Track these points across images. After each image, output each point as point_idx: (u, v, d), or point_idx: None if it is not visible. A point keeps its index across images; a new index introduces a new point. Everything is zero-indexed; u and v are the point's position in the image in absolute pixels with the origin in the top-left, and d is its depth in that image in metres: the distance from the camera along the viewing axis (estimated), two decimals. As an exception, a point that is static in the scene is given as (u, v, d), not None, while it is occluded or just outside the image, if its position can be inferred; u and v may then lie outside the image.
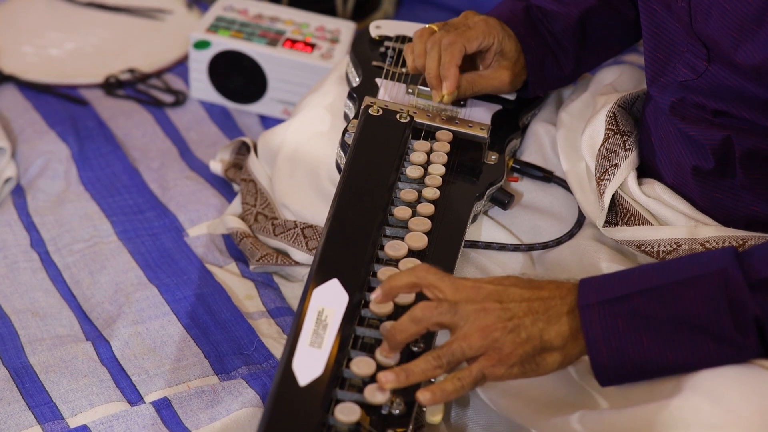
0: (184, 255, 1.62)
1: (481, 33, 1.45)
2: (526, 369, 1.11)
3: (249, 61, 1.94)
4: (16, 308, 1.53)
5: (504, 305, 1.10)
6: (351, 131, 1.46)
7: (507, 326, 1.09)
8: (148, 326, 1.49)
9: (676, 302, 1.07)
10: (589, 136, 1.43)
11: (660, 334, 1.08)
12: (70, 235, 1.66)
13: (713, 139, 1.25)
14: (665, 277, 1.09)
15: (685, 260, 1.11)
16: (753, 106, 1.20)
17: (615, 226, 1.37)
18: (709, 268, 1.08)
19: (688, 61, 1.26)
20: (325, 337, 1.15)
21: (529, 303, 1.11)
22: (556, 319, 1.10)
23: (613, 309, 1.08)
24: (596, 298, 1.09)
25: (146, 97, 1.99)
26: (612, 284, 1.10)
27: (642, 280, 1.10)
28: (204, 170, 1.81)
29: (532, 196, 1.50)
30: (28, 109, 1.91)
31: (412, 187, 1.38)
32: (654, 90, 1.33)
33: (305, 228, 1.53)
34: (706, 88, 1.24)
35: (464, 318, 1.10)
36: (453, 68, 1.43)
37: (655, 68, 1.32)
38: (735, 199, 1.28)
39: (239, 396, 1.37)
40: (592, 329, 1.09)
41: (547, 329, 1.09)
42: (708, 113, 1.26)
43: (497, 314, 1.10)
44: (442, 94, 1.45)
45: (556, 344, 1.10)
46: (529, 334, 1.09)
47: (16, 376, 1.42)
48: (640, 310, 1.08)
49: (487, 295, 1.11)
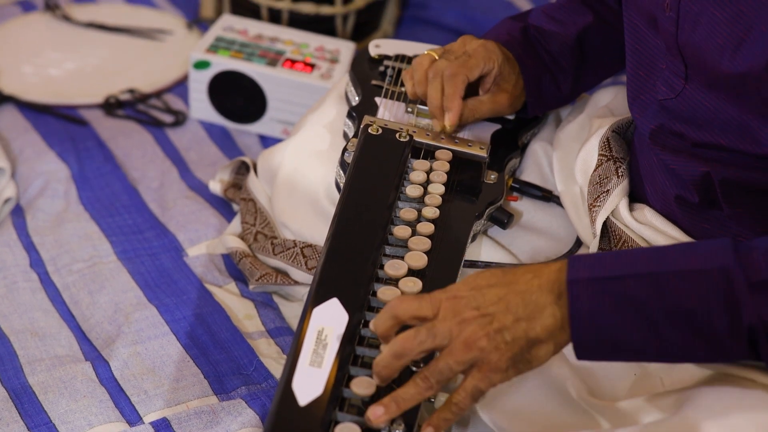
0: (184, 275, 1.62)
1: (482, 60, 1.45)
2: (521, 368, 1.08)
3: (249, 81, 1.94)
4: (15, 328, 1.53)
5: (482, 311, 1.08)
6: (350, 150, 1.47)
7: (489, 333, 1.07)
8: (147, 346, 1.48)
9: (670, 293, 1.05)
10: (582, 160, 1.43)
11: (648, 322, 1.05)
12: (70, 255, 1.65)
13: (694, 173, 1.25)
14: (662, 265, 1.06)
15: (683, 249, 1.08)
16: (730, 130, 1.19)
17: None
18: (709, 263, 1.05)
19: (666, 78, 1.25)
20: (325, 357, 1.14)
21: (506, 301, 1.08)
22: (539, 312, 1.07)
23: (603, 287, 1.06)
24: (586, 275, 1.07)
25: (146, 117, 1.99)
26: (604, 263, 1.08)
27: (636, 264, 1.07)
28: (203, 190, 1.81)
29: (531, 215, 1.50)
30: (28, 129, 1.92)
31: (411, 206, 1.38)
32: (635, 110, 1.33)
33: (305, 247, 1.53)
34: (684, 109, 1.23)
35: (446, 336, 1.08)
36: (457, 100, 1.44)
37: (635, 85, 1.32)
38: (723, 230, 1.27)
39: (238, 416, 1.37)
40: (578, 304, 1.06)
41: (531, 325, 1.07)
42: (687, 143, 1.25)
43: (477, 323, 1.07)
44: (445, 125, 1.45)
45: (543, 337, 1.07)
46: (514, 335, 1.07)
47: (15, 397, 1.42)
48: (632, 294, 1.05)
49: (464, 304, 1.09)
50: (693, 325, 1.05)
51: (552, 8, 1.53)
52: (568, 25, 1.51)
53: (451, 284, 1.29)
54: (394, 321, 1.11)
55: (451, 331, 1.07)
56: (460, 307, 1.09)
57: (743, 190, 1.23)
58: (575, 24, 1.51)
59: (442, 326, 1.08)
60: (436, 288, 1.26)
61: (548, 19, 1.52)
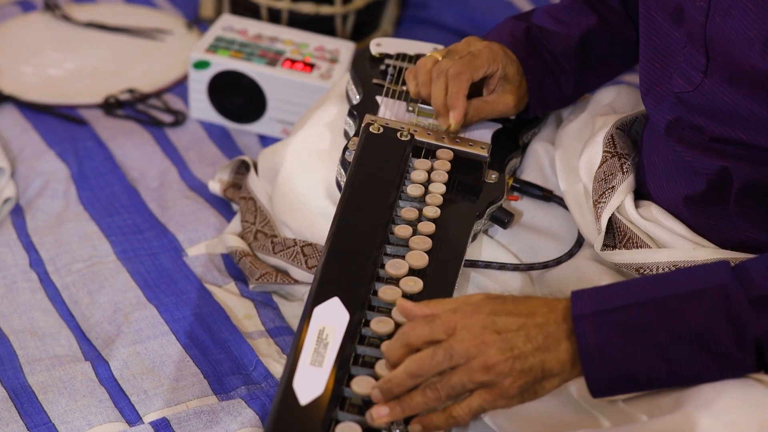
0: (183, 275, 1.62)
1: (486, 61, 1.45)
2: (525, 397, 1.09)
3: (248, 81, 1.94)
4: (14, 328, 1.53)
5: (503, 336, 1.08)
6: (351, 149, 1.46)
7: (509, 358, 1.07)
8: (146, 346, 1.48)
9: (674, 315, 1.07)
10: (586, 158, 1.43)
11: (656, 346, 1.07)
12: (69, 255, 1.65)
13: (710, 167, 1.25)
14: (663, 290, 1.08)
15: (682, 274, 1.10)
16: (749, 125, 1.20)
17: (613, 248, 1.36)
18: (708, 282, 1.07)
19: (684, 71, 1.25)
20: (326, 356, 1.14)
21: (526, 330, 1.09)
22: (555, 346, 1.08)
23: (609, 319, 1.07)
24: (591, 308, 1.08)
25: (145, 117, 1.99)
26: (607, 295, 1.09)
27: (638, 292, 1.09)
28: (203, 190, 1.81)
29: (531, 215, 1.50)
30: (28, 129, 1.91)
31: (412, 206, 1.38)
32: (649, 102, 1.33)
33: (305, 246, 1.52)
34: (702, 103, 1.23)
35: (463, 356, 1.07)
36: (461, 98, 1.43)
37: (650, 77, 1.32)
38: (730, 226, 1.27)
39: (238, 416, 1.37)
40: (586, 339, 1.07)
41: (548, 358, 1.08)
42: (705, 137, 1.25)
43: (498, 346, 1.08)
44: (449, 123, 1.45)
45: (555, 371, 1.09)
46: (531, 364, 1.08)
47: (14, 396, 1.42)
48: (637, 322, 1.07)
49: (482, 327, 1.09)
50: (700, 345, 1.06)
51: (555, 9, 1.53)
52: (572, 26, 1.51)
53: (452, 298, 1.29)
54: (406, 349, 1.10)
55: (468, 352, 1.07)
56: (478, 329, 1.09)
57: (756, 188, 1.23)
58: (578, 25, 1.51)
59: (459, 346, 1.08)
60: (437, 288, 1.27)
61: (551, 20, 1.52)
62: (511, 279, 1.43)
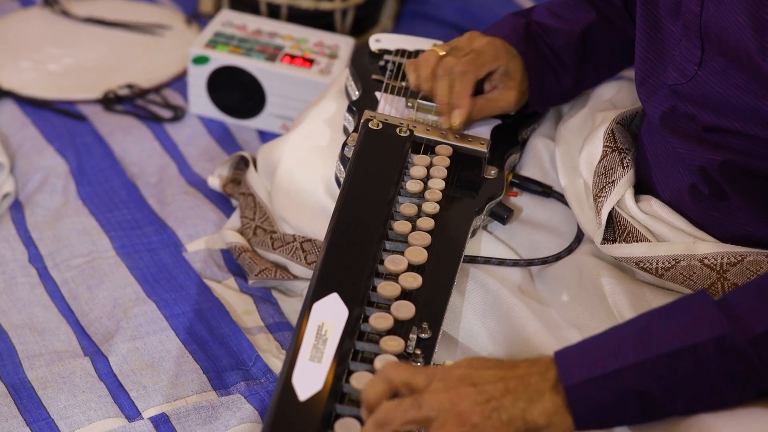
0: (183, 270, 1.62)
1: (490, 58, 1.45)
2: None
3: (247, 76, 1.94)
4: (14, 323, 1.53)
5: (479, 388, 1.05)
6: (350, 145, 1.46)
7: (485, 410, 1.04)
8: (146, 341, 1.48)
9: (668, 376, 1.04)
10: (587, 153, 1.43)
11: (653, 406, 1.05)
12: (69, 250, 1.65)
13: (701, 159, 1.25)
14: (653, 349, 1.04)
15: (669, 323, 1.06)
16: (743, 115, 1.20)
17: (613, 242, 1.36)
18: (699, 335, 1.04)
19: (678, 64, 1.25)
20: (325, 352, 1.14)
21: (505, 382, 1.06)
22: (538, 396, 1.05)
23: (603, 386, 1.04)
24: (581, 377, 1.05)
25: (145, 112, 1.99)
26: (594, 358, 1.06)
27: (627, 352, 1.05)
28: (202, 185, 1.81)
29: (531, 211, 1.50)
30: (27, 124, 1.91)
31: (411, 202, 1.38)
32: (642, 93, 1.33)
33: (304, 242, 1.52)
34: (695, 94, 1.23)
35: (433, 408, 1.04)
36: (466, 98, 1.44)
37: (644, 68, 1.32)
38: (731, 219, 1.28)
39: (237, 411, 1.37)
40: (581, 408, 1.05)
41: (530, 408, 1.05)
42: (698, 126, 1.25)
43: (473, 398, 1.05)
44: (453, 121, 1.45)
45: (541, 423, 1.05)
46: (511, 415, 1.04)
47: (13, 392, 1.42)
48: (631, 386, 1.04)
49: (458, 379, 1.06)
50: (696, 397, 1.05)
51: (555, 5, 1.54)
52: (572, 22, 1.51)
53: (452, 277, 1.30)
54: (386, 385, 1.08)
55: (441, 404, 1.04)
56: (453, 382, 1.06)
57: (752, 179, 1.23)
58: (579, 21, 1.51)
59: (431, 398, 1.05)
60: (436, 284, 1.27)
61: (552, 16, 1.52)
62: (511, 274, 1.43)
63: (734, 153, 1.22)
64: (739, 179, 1.24)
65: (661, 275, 1.31)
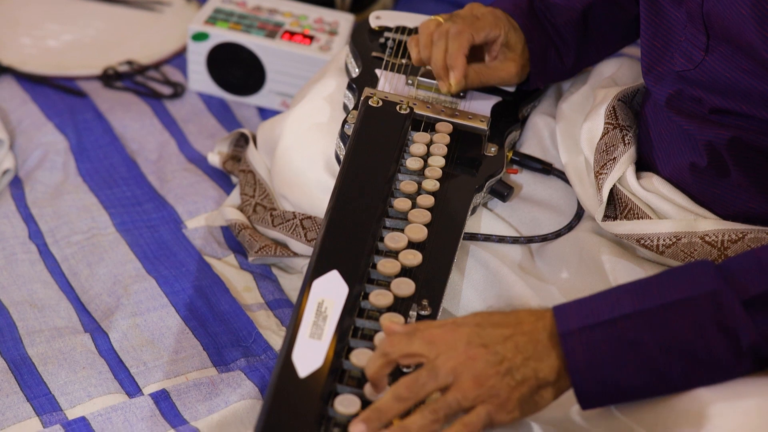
0: (183, 247, 1.62)
1: (489, 24, 1.45)
2: (525, 410, 1.06)
3: (247, 53, 1.94)
4: (14, 300, 1.53)
5: (489, 349, 1.06)
6: (350, 122, 1.46)
7: (499, 371, 1.05)
8: (146, 318, 1.48)
9: (662, 328, 1.04)
10: (588, 129, 1.42)
11: (647, 360, 1.05)
12: (69, 226, 1.65)
13: (707, 135, 1.25)
14: (650, 300, 1.05)
15: (668, 279, 1.07)
16: (750, 99, 1.20)
17: (614, 219, 1.36)
18: (695, 290, 1.05)
19: (685, 50, 1.25)
20: (325, 329, 1.14)
21: (513, 341, 1.06)
22: (546, 353, 1.06)
23: (597, 335, 1.05)
24: (577, 324, 1.06)
25: (144, 89, 1.98)
26: (592, 309, 1.07)
27: (624, 304, 1.06)
28: (202, 162, 1.81)
29: (531, 188, 1.50)
30: (26, 100, 1.91)
31: (411, 179, 1.38)
32: (650, 80, 1.33)
33: (304, 219, 1.52)
34: (703, 79, 1.23)
35: (450, 373, 1.05)
36: (461, 57, 1.43)
37: (651, 57, 1.32)
38: (732, 196, 1.27)
39: (238, 388, 1.37)
40: (575, 357, 1.05)
41: (540, 366, 1.05)
42: (704, 108, 1.25)
43: (485, 359, 1.05)
44: (450, 83, 1.44)
45: (550, 379, 1.06)
46: (524, 375, 1.05)
47: (14, 368, 1.42)
48: (626, 336, 1.05)
49: (467, 342, 1.06)
50: (692, 356, 1.05)
51: (558, -17, 1.53)
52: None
53: (452, 255, 1.29)
54: (384, 359, 1.07)
55: (455, 369, 1.05)
56: (463, 346, 1.06)
57: (757, 155, 1.23)
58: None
59: (444, 365, 1.05)
60: (436, 261, 1.27)
61: None
62: (511, 252, 1.43)
63: (741, 131, 1.23)
64: (745, 156, 1.24)
65: (661, 252, 1.31)
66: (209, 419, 1.34)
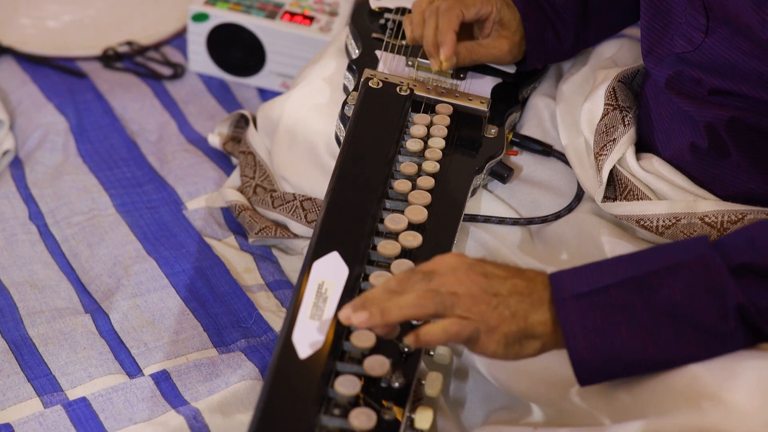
0: (183, 228, 1.62)
1: (480, 0, 1.44)
2: (509, 350, 1.07)
3: (247, 34, 1.93)
4: (14, 280, 1.53)
5: (489, 280, 1.07)
6: (351, 104, 1.46)
7: (492, 301, 1.06)
8: (146, 299, 1.49)
9: (654, 292, 1.05)
10: (588, 110, 1.42)
11: (639, 325, 1.05)
12: (69, 207, 1.65)
13: (707, 116, 1.25)
14: (641, 267, 1.06)
15: (661, 249, 1.09)
16: (749, 80, 1.20)
17: (614, 201, 1.37)
18: (686, 255, 1.06)
19: (685, 32, 1.25)
20: (325, 310, 1.15)
21: (513, 282, 1.07)
22: (539, 304, 1.07)
23: (590, 302, 1.06)
24: (571, 292, 1.06)
25: (144, 69, 1.98)
26: (586, 276, 1.07)
27: (617, 271, 1.07)
28: (202, 143, 1.81)
29: (531, 169, 1.50)
30: (26, 81, 1.91)
31: (412, 161, 1.38)
32: (649, 62, 1.33)
33: (304, 201, 1.53)
34: (702, 61, 1.23)
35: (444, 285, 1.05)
36: (450, 33, 1.43)
37: (651, 39, 1.32)
38: (732, 177, 1.28)
39: (238, 369, 1.38)
40: (569, 324, 1.06)
41: (532, 313, 1.06)
42: (704, 89, 1.25)
43: (482, 286, 1.06)
44: (440, 60, 1.44)
45: (538, 332, 1.07)
46: (514, 311, 1.06)
47: (15, 348, 1.43)
48: (618, 302, 1.05)
49: (469, 266, 1.08)
50: (682, 318, 1.05)
51: (556, -38, 1.53)
52: (572, -21, 1.50)
53: (452, 236, 1.30)
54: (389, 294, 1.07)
55: (450, 284, 1.06)
56: (464, 269, 1.07)
57: (757, 136, 1.23)
58: None
59: (440, 277, 1.06)
60: (436, 243, 1.27)
61: None
62: (511, 233, 1.43)
63: (741, 111, 1.23)
64: (744, 136, 1.24)
65: (661, 233, 1.31)
66: (209, 400, 1.35)
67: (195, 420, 1.33)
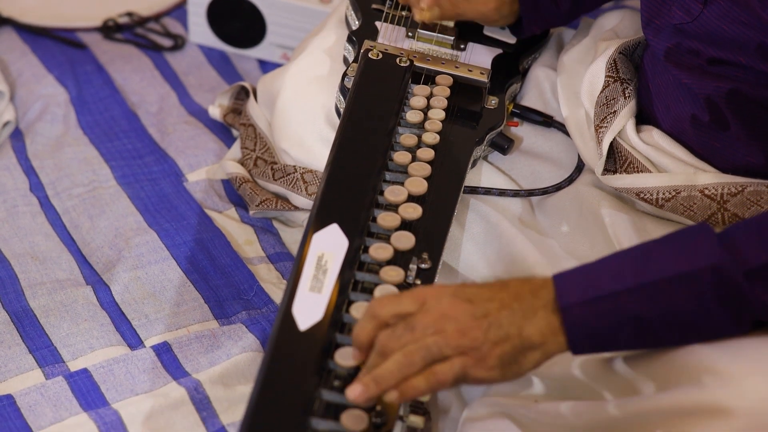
0: (184, 200, 1.62)
1: None
2: (506, 370, 1.05)
3: (248, 5, 1.92)
4: (15, 252, 1.54)
5: (475, 304, 1.05)
6: (351, 75, 1.46)
7: (482, 325, 1.04)
8: (147, 271, 1.49)
9: (664, 302, 1.04)
10: (588, 82, 1.42)
11: (649, 333, 1.05)
12: (70, 179, 1.65)
13: (706, 88, 1.25)
14: (651, 273, 1.04)
15: (669, 249, 1.06)
16: (747, 51, 1.20)
17: (614, 173, 1.36)
18: (696, 263, 1.04)
19: (683, 3, 1.25)
20: (325, 282, 1.15)
21: (500, 299, 1.06)
22: (532, 313, 1.05)
23: (598, 309, 1.04)
24: (578, 298, 1.05)
25: (145, 41, 1.97)
26: (593, 280, 1.06)
27: (626, 275, 1.05)
28: (203, 115, 1.80)
29: (531, 141, 1.50)
30: (26, 52, 1.90)
31: (412, 132, 1.38)
32: (649, 33, 1.32)
33: (305, 173, 1.52)
34: (700, 32, 1.23)
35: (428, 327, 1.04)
36: None
37: (650, 10, 1.31)
38: (732, 149, 1.27)
39: (239, 341, 1.38)
40: (576, 331, 1.05)
41: (525, 325, 1.04)
42: (703, 60, 1.25)
43: (470, 312, 1.05)
44: (422, 8, 1.43)
45: (535, 341, 1.05)
46: (507, 331, 1.04)
47: (16, 320, 1.43)
48: (628, 310, 1.04)
49: (452, 295, 1.06)
50: (693, 327, 1.05)
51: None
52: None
53: (452, 208, 1.30)
54: (374, 321, 1.07)
55: (436, 323, 1.04)
56: (448, 299, 1.06)
57: (756, 108, 1.23)
58: None
59: (422, 318, 1.05)
60: (436, 215, 1.27)
61: None
62: (511, 205, 1.43)
63: (739, 82, 1.22)
64: (743, 108, 1.24)
65: (661, 206, 1.31)
66: (210, 371, 1.35)
67: (196, 391, 1.33)
